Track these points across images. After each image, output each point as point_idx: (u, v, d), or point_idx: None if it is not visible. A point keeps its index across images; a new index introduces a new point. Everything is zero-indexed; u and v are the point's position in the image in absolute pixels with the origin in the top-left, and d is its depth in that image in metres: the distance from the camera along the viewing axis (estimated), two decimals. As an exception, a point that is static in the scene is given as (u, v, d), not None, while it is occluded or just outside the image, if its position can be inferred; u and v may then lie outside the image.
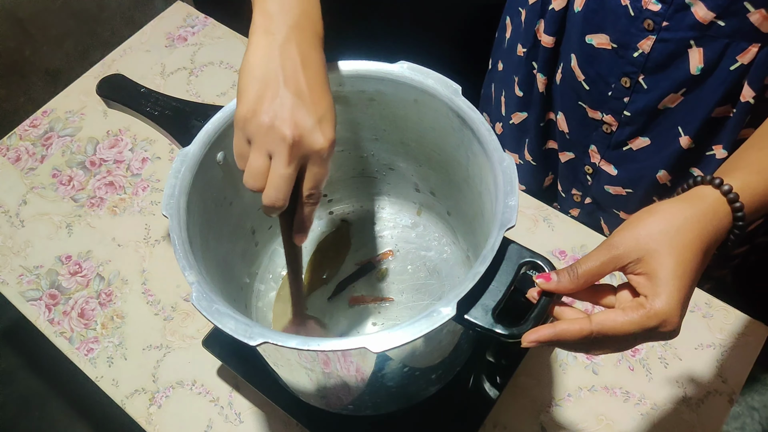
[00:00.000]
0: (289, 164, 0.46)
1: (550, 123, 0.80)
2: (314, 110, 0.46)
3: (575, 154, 0.79)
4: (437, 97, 0.55)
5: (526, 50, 0.74)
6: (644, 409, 0.66)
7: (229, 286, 0.59)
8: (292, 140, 0.45)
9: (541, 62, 0.73)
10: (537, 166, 0.85)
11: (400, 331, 0.43)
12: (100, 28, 1.45)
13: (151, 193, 0.85)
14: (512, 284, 0.47)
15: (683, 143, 0.66)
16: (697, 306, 0.71)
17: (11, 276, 0.79)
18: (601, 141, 0.73)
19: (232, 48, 0.97)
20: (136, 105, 0.62)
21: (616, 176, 0.75)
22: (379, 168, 0.70)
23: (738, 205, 0.44)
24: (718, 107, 0.62)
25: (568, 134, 0.77)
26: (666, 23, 0.59)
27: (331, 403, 0.62)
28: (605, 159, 0.75)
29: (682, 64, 0.60)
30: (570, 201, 0.86)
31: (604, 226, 0.84)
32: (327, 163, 0.48)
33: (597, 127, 0.72)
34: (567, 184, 0.85)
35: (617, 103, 0.68)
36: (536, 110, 0.78)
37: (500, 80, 0.84)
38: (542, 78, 0.74)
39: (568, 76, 0.71)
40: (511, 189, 0.48)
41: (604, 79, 0.67)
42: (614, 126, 0.70)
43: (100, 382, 0.71)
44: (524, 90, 0.78)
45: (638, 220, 0.44)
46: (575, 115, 0.74)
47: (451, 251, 0.71)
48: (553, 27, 0.69)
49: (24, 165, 0.88)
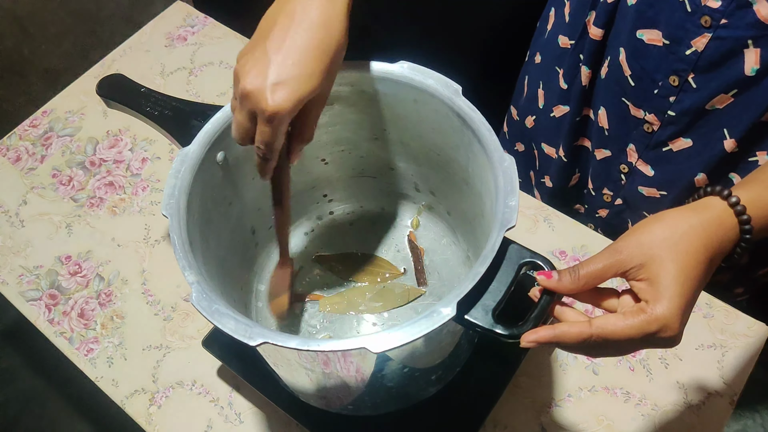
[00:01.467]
0: (239, 111, 0.49)
1: (586, 119, 0.78)
2: (277, 72, 0.46)
3: (612, 152, 0.77)
4: (437, 97, 0.55)
5: (574, 42, 0.72)
6: (645, 409, 0.66)
7: (229, 286, 0.59)
8: (241, 92, 0.47)
9: (587, 55, 0.71)
10: (567, 163, 0.83)
11: (400, 332, 0.43)
12: (100, 28, 1.45)
13: (151, 193, 0.85)
14: (512, 284, 0.47)
15: (727, 146, 0.64)
16: (698, 306, 0.71)
17: (11, 276, 0.79)
18: (640, 140, 0.71)
19: (232, 48, 0.97)
20: (136, 105, 0.62)
21: (652, 177, 0.73)
22: (379, 168, 0.70)
23: (745, 217, 0.43)
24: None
25: (607, 131, 0.75)
26: (725, 21, 0.56)
27: (331, 403, 0.62)
28: (642, 159, 0.73)
29: (736, 64, 0.58)
30: (599, 201, 0.84)
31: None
32: (273, 126, 0.48)
33: (638, 126, 0.70)
34: (599, 182, 0.82)
35: (662, 102, 0.66)
36: (575, 104, 0.76)
37: (538, 72, 0.82)
38: (587, 71, 0.72)
39: (615, 71, 0.69)
40: (511, 189, 0.48)
41: (650, 76, 0.65)
42: (656, 126, 0.68)
43: (100, 382, 0.71)
44: (568, 83, 0.76)
45: (643, 227, 0.44)
46: (617, 111, 0.72)
47: (451, 251, 0.71)
48: (602, 19, 0.67)
49: (24, 165, 0.88)
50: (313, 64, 0.47)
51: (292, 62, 0.47)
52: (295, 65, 0.47)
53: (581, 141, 0.81)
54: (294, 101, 0.47)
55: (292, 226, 0.73)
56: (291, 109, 0.47)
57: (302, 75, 0.47)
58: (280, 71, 0.46)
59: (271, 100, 0.46)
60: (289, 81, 0.46)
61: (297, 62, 0.47)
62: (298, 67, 0.47)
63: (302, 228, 0.74)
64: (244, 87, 0.47)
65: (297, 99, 0.47)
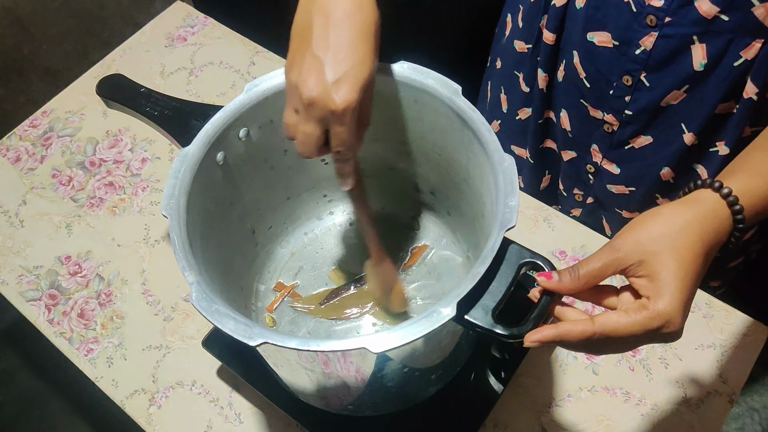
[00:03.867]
0: (307, 122, 0.47)
1: (549, 122, 0.80)
2: (333, 69, 0.46)
3: (577, 153, 0.79)
4: (437, 97, 0.55)
5: (531, 46, 0.74)
6: (644, 409, 0.66)
7: (229, 286, 0.59)
8: (307, 101, 0.46)
9: (543, 59, 0.72)
10: (534, 164, 0.85)
11: (400, 332, 0.43)
12: (100, 28, 1.44)
13: (150, 193, 0.85)
14: (512, 285, 0.47)
15: (687, 140, 0.66)
16: (698, 306, 0.71)
17: (11, 276, 0.79)
18: (602, 140, 0.73)
19: (231, 48, 0.97)
20: (136, 105, 0.62)
21: (618, 175, 0.75)
22: (379, 168, 0.70)
23: (738, 207, 0.44)
24: (721, 104, 0.62)
25: (570, 132, 0.76)
26: (669, 18, 0.58)
27: (331, 403, 0.62)
28: (607, 158, 0.74)
29: (685, 61, 0.60)
30: (571, 200, 0.86)
31: (606, 225, 0.84)
32: (346, 123, 0.47)
33: (598, 127, 0.72)
34: (569, 183, 0.84)
35: (618, 102, 0.67)
36: (536, 107, 0.78)
37: (500, 77, 0.84)
38: (543, 75, 0.74)
39: (571, 74, 0.71)
40: (511, 189, 0.48)
41: (605, 77, 0.67)
42: (615, 126, 0.70)
43: (100, 382, 0.71)
44: (529, 86, 0.78)
45: (640, 223, 0.44)
46: (577, 113, 0.74)
47: (451, 251, 0.71)
48: (554, 23, 0.69)
49: (24, 165, 0.88)
50: (362, 49, 0.47)
51: (343, 55, 0.46)
52: (347, 57, 0.46)
53: (546, 143, 0.83)
54: (358, 91, 0.47)
55: (291, 227, 0.73)
56: (357, 100, 0.47)
57: (356, 63, 0.47)
58: (336, 68, 0.46)
59: (337, 98, 0.46)
60: (348, 73, 0.46)
61: (348, 53, 0.46)
62: (351, 57, 0.46)
63: (302, 228, 0.74)
64: (308, 96, 0.46)
65: (360, 88, 0.47)
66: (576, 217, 0.84)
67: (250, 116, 0.58)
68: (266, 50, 0.97)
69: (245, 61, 0.95)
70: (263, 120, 0.59)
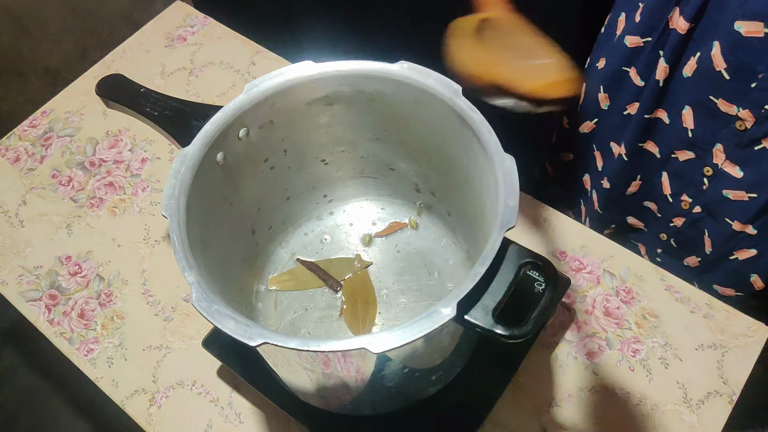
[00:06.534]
0: None
1: (656, 122, 0.75)
2: None
3: (695, 154, 0.73)
4: (437, 97, 0.55)
5: (650, 39, 0.70)
6: (644, 409, 0.66)
7: (229, 286, 0.59)
8: None
9: (669, 49, 0.68)
10: (628, 164, 0.80)
11: (400, 332, 0.43)
12: (99, 27, 1.44)
13: (150, 193, 0.85)
14: (512, 285, 0.47)
15: None
16: (698, 306, 0.71)
17: (11, 276, 0.79)
18: (730, 139, 0.68)
19: (231, 48, 0.97)
20: (136, 105, 0.62)
21: (740, 179, 0.70)
22: (379, 168, 0.70)
23: None
24: None
25: (691, 131, 0.71)
26: None
27: (330, 403, 0.62)
28: (730, 160, 0.69)
29: None
30: (676, 208, 0.80)
31: (707, 240, 0.78)
32: None
33: (728, 123, 0.67)
34: (678, 187, 0.78)
35: (761, 95, 0.62)
36: (646, 102, 0.73)
37: (599, 77, 0.80)
38: (664, 65, 0.69)
39: (705, 66, 0.65)
40: (511, 189, 0.48)
41: (749, 68, 0.62)
42: (750, 122, 0.65)
43: (100, 382, 0.71)
44: (645, 80, 0.73)
45: None
46: (704, 109, 0.69)
47: (451, 251, 0.71)
48: (692, 12, 0.64)
49: (23, 165, 0.88)
50: None
51: None
52: None
53: (647, 144, 0.78)
54: None
55: (291, 227, 0.73)
56: None
57: None
58: None
59: None
60: None
61: None
62: None
63: (302, 228, 0.74)
64: None
65: None
66: (676, 227, 0.79)
67: (250, 116, 0.58)
68: (266, 50, 0.97)
69: (245, 61, 0.95)
70: (263, 120, 0.59)
